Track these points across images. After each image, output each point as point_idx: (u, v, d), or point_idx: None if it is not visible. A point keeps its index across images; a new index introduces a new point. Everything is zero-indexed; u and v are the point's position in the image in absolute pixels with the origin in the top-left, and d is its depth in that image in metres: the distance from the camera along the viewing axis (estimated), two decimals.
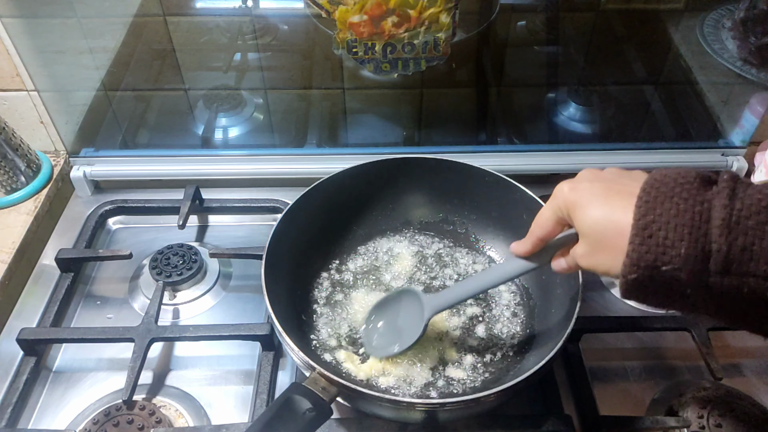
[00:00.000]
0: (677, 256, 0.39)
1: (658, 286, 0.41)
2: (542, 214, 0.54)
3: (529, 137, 1.05)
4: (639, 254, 0.40)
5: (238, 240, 0.92)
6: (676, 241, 0.39)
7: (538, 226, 0.54)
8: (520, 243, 0.57)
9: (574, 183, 0.49)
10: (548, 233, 0.54)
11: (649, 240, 0.40)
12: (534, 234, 0.55)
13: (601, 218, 0.45)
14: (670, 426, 0.67)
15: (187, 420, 0.70)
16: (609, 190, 0.46)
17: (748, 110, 0.95)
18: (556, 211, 0.51)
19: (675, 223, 0.39)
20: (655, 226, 0.40)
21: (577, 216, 0.48)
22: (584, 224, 0.47)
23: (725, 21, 0.91)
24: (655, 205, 0.40)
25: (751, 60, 0.90)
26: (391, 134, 1.02)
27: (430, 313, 0.65)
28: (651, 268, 0.40)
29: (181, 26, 0.89)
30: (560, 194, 0.50)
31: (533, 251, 0.57)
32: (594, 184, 0.47)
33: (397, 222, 0.86)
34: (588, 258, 0.48)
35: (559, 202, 0.50)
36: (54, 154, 0.99)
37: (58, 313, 0.80)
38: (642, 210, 0.41)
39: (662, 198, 0.40)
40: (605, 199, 0.45)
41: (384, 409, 0.61)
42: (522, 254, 0.58)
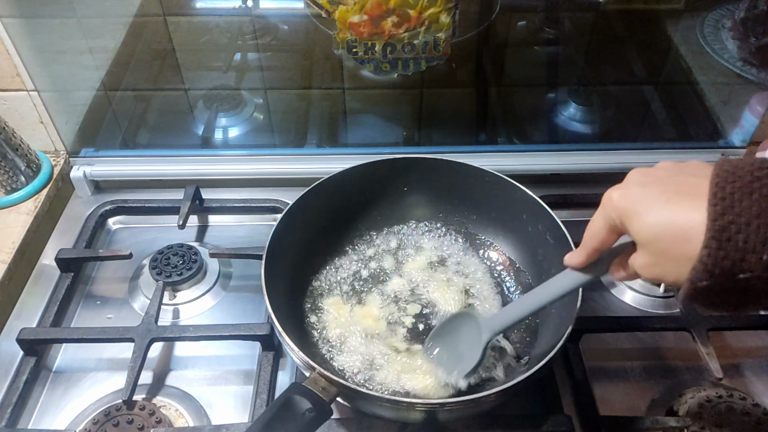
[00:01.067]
0: (758, 262, 0.35)
1: (729, 293, 0.37)
2: (594, 224, 0.49)
3: (529, 137, 1.05)
4: (715, 260, 0.36)
5: (238, 240, 0.92)
6: (758, 245, 0.35)
7: (590, 237, 0.49)
8: (574, 254, 0.53)
9: (624, 188, 0.44)
10: (602, 243, 0.49)
11: (728, 244, 0.35)
12: (587, 245, 0.50)
13: (661, 225, 0.40)
14: (670, 426, 0.67)
15: (187, 420, 0.70)
16: (665, 192, 0.41)
17: (748, 110, 0.95)
18: (607, 220, 0.46)
19: (757, 225, 0.35)
20: (734, 228, 0.35)
21: (632, 225, 0.43)
22: (642, 234, 0.42)
23: (725, 21, 0.91)
24: (732, 203, 0.36)
25: (751, 60, 0.90)
26: (391, 134, 1.02)
27: (489, 335, 0.63)
28: (727, 275, 0.36)
29: (181, 26, 0.89)
30: (609, 203, 0.45)
31: (588, 262, 0.52)
32: (646, 187, 0.42)
33: (397, 222, 0.86)
34: (651, 269, 0.43)
35: (609, 210, 0.45)
36: (54, 154, 0.99)
37: (58, 313, 0.80)
38: (719, 209, 0.36)
39: (740, 194, 0.36)
40: (663, 202, 0.40)
41: (384, 409, 0.61)
42: (576, 266, 0.53)
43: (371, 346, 0.72)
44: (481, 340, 0.63)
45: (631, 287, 0.84)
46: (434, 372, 0.68)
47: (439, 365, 0.68)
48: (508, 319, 0.63)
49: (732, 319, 0.76)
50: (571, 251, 0.54)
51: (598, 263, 0.52)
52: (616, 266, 0.51)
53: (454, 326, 0.69)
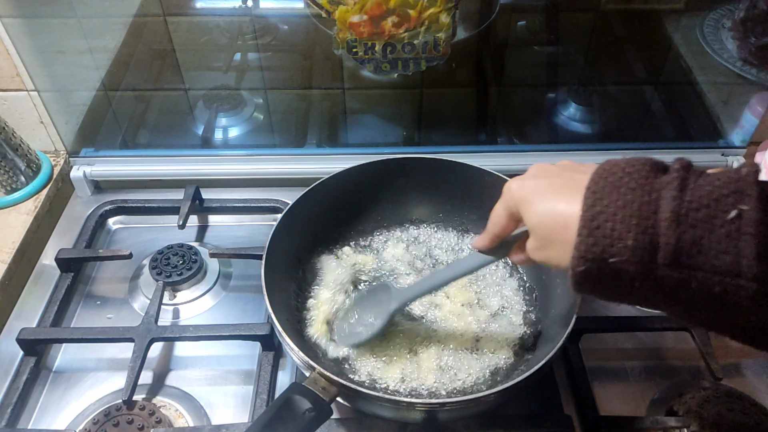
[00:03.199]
0: (624, 248, 0.38)
1: (606, 279, 0.40)
2: (495, 212, 0.54)
3: (529, 137, 1.05)
4: (586, 246, 0.39)
5: (238, 240, 0.92)
6: (623, 232, 0.38)
7: (492, 224, 0.55)
8: (479, 238, 0.58)
9: (522, 180, 0.50)
10: (502, 229, 0.55)
11: (597, 231, 0.39)
12: (490, 231, 0.56)
13: (546, 213, 0.45)
14: (670, 426, 0.67)
15: (187, 420, 0.70)
16: (554, 185, 0.46)
17: (748, 110, 0.95)
18: (506, 208, 0.52)
19: (622, 215, 0.38)
20: (602, 218, 0.39)
21: (524, 212, 0.48)
22: (532, 220, 0.47)
23: (725, 21, 0.91)
24: (602, 196, 0.40)
25: (751, 60, 0.90)
26: (391, 134, 1.02)
27: (396, 304, 0.67)
28: (599, 261, 0.39)
29: (181, 26, 0.89)
30: (508, 192, 0.51)
31: (491, 246, 0.58)
32: (539, 180, 0.48)
33: (397, 222, 0.86)
34: (539, 252, 0.48)
35: (507, 199, 0.51)
36: (54, 154, 0.99)
37: (58, 313, 0.80)
38: (589, 201, 0.40)
39: (610, 188, 0.40)
40: (550, 194, 0.46)
41: (384, 409, 0.61)
42: (481, 248, 0.59)
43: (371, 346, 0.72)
44: (388, 310, 0.67)
45: None
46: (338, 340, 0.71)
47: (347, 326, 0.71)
48: (416, 291, 0.68)
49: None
50: (477, 236, 0.59)
51: (500, 247, 0.58)
52: (515, 250, 0.57)
53: (372, 294, 0.72)
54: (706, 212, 0.37)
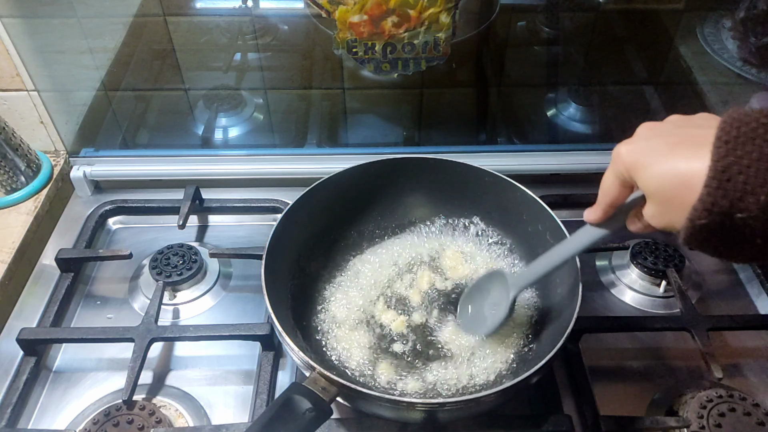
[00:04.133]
0: (755, 203, 0.36)
1: (726, 234, 0.38)
2: (605, 180, 0.50)
3: (529, 137, 1.05)
4: (714, 199, 0.37)
5: (238, 240, 0.92)
6: (756, 186, 0.36)
7: (603, 193, 0.51)
8: (592, 210, 0.55)
9: (631, 143, 0.46)
10: (615, 198, 0.51)
11: (727, 184, 0.37)
12: (601, 201, 0.52)
13: (665, 175, 0.42)
14: (670, 426, 0.67)
15: (187, 420, 0.70)
16: (668, 144, 0.43)
17: None
18: (617, 175, 0.48)
19: (757, 168, 0.36)
20: (735, 169, 0.36)
21: (639, 177, 0.45)
22: (648, 184, 0.43)
23: (725, 21, 0.91)
24: (735, 146, 0.37)
25: (751, 60, 0.90)
26: (391, 134, 1.03)
27: (516, 291, 0.67)
28: (724, 215, 0.37)
29: (181, 26, 0.89)
30: (618, 157, 0.47)
31: (605, 217, 0.54)
32: (651, 141, 0.44)
33: (397, 222, 0.86)
34: (659, 218, 0.44)
35: (618, 165, 0.47)
36: (54, 154, 0.99)
37: (58, 313, 0.80)
38: (722, 151, 0.37)
39: (743, 139, 0.37)
40: (667, 153, 0.42)
41: (384, 409, 0.61)
42: (594, 221, 0.55)
43: (371, 346, 0.72)
44: (508, 297, 0.66)
45: (631, 287, 0.84)
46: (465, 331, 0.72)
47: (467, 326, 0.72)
48: (534, 274, 0.66)
49: (732, 319, 0.76)
50: (589, 208, 0.55)
51: (614, 217, 0.54)
52: (632, 219, 0.53)
53: (481, 287, 0.72)
54: None
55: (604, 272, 0.87)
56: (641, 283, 0.84)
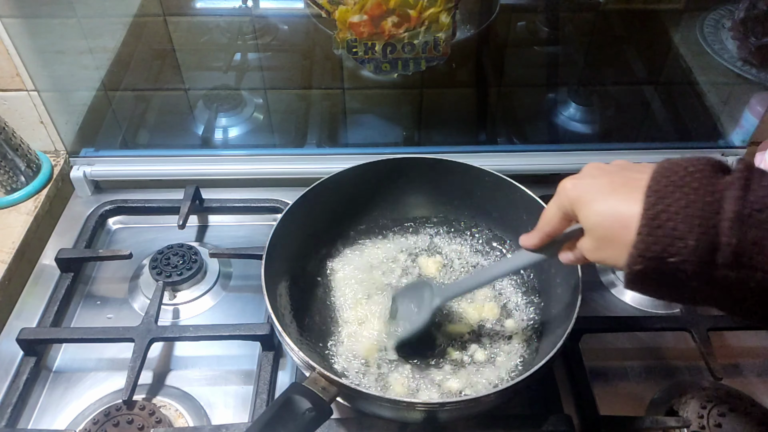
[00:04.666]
0: (685, 248, 0.38)
1: (663, 278, 0.40)
2: (548, 211, 0.53)
3: (529, 137, 1.05)
4: (646, 245, 0.39)
5: (238, 240, 0.92)
6: (685, 232, 0.38)
7: (544, 222, 0.54)
8: (529, 236, 0.57)
9: (577, 179, 0.49)
10: (554, 229, 0.54)
11: (658, 230, 0.39)
12: (541, 229, 0.55)
13: (605, 212, 0.45)
14: (670, 426, 0.67)
15: (187, 420, 0.70)
16: (612, 184, 0.45)
17: (748, 110, 0.95)
18: (560, 208, 0.51)
19: (685, 214, 0.38)
20: (664, 216, 0.39)
21: (581, 212, 0.47)
22: (589, 220, 0.46)
23: (725, 21, 0.91)
24: (665, 195, 0.39)
25: (751, 60, 0.90)
26: (391, 134, 1.02)
27: (440, 300, 0.68)
28: (658, 260, 0.39)
29: (181, 26, 0.89)
30: (563, 191, 0.50)
31: (540, 245, 0.57)
32: (597, 179, 0.47)
33: (397, 222, 0.86)
34: (594, 252, 0.47)
35: (562, 198, 0.50)
36: (54, 154, 0.99)
37: (58, 313, 0.80)
38: (651, 200, 0.40)
39: (672, 187, 0.39)
40: (609, 193, 0.45)
41: (384, 409, 0.61)
42: (530, 247, 0.58)
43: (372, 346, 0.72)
44: (432, 305, 0.68)
45: None
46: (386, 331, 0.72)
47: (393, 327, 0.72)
48: (461, 288, 0.69)
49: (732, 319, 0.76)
50: (526, 233, 0.58)
51: (550, 246, 0.57)
52: (565, 250, 0.55)
53: (414, 290, 0.72)
54: None
55: (604, 272, 0.87)
56: None
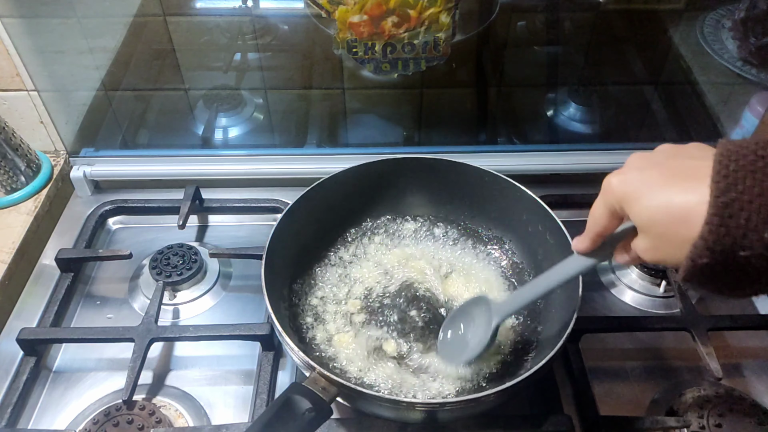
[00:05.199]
0: (759, 241, 0.35)
1: (729, 272, 0.37)
2: (595, 210, 0.49)
3: (529, 137, 1.05)
4: (717, 236, 0.36)
5: (238, 240, 0.92)
6: (759, 223, 0.35)
7: (593, 223, 0.50)
8: (580, 240, 0.54)
9: (623, 173, 0.45)
10: (605, 229, 0.49)
11: (729, 221, 0.35)
12: (590, 230, 0.51)
13: (659, 208, 0.40)
14: (670, 426, 0.67)
15: (187, 420, 0.70)
16: (663, 176, 0.41)
17: (748, 110, 0.95)
18: (608, 206, 0.47)
19: (760, 203, 0.35)
20: (736, 206, 0.35)
21: (632, 209, 0.43)
22: (641, 217, 0.42)
23: (725, 21, 0.91)
24: (736, 181, 0.36)
25: (751, 60, 0.90)
26: (391, 134, 1.03)
27: (499, 319, 0.64)
28: (727, 253, 0.36)
29: (181, 26, 0.89)
30: (609, 188, 0.45)
31: (593, 247, 0.53)
32: (644, 172, 0.43)
33: (398, 222, 0.86)
34: (652, 252, 0.43)
35: (608, 197, 0.46)
36: (54, 154, 0.99)
37: (58, 313, 0.80)
38: (721, 186, 0.36)
39: (743, 173, 0.36)
40: (661, 185, 0.41)
41: (384, 409, 0.61)
42: (583, 251, 0.54)
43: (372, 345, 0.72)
44: (491, 325, 0.64)
45: (631, 287, 0.84)
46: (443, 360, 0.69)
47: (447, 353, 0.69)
48: (518, 302, 0.64)
49: (732, 319, 0.76)
50: (577, 236, 0.54)
51: (603, 247, 0.53)
52: (620, 250, 0.51)
53: (465, 313, 0.69)
54: None
55: (604, 272, 0.87)
56: (641, 283, 0.84)
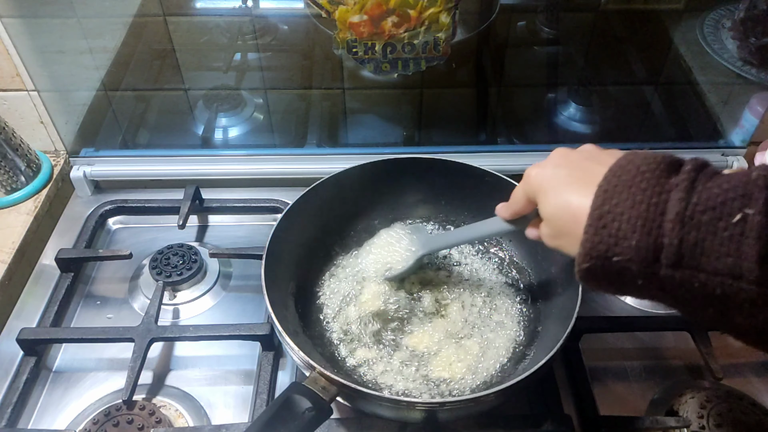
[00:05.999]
0: (629, 248, 0.39)
1: (610, 276, 0.41)
2: (516, 192, 0.56)
3: (529, 137, 1.05)
4: (592, 244, 0.40)
5: (238, 240, 0.92)
6: (628, 232, 0.39)
7: (513, 202, 0.58)
8: (502, 207, 0.61)
9: (541, 168, 0.50)
10: (521, 209, 0.57)
11: (603, 230, 0.40)
12: (510, 207, 0.59)
13: (560, 205, 0.46)
14: (670, 426, 0.67)
15: (187, 420, 0.70)
16: (570, 177, 0.47)
17: (748, 110, 0.95)
18: (525, 193, 0.54)
19: (629, 215, 0.39)
20: (609, 217, 0.40)
21: (539, 201, 0.50)
22: (546, 210, 0.49)
23: (725, 21, 0.91)
24: (612, 195, 0.40)
25: (751, 60, 0.90)
26: (391, 134, 1.02)
27: (423, 251, 0.72)
28: (603, 258, 0.40)
29: (181, 26, 0.89)
30: (527, 178, 0.52)
31: (510, 219, 0.60)
32: (558, 169, 0.48)
33: (398, 222, 0.85)
34: (550, 240, 0.50)
35: (526, 185, 0.53)
36: (54, 154, 0.99)
37: (58, 313, 0.80)
38: (599, 200, 0.41)
39: (621, 187, 0.40)
40: (566, 186, 0.46)
41: (384, 408, 0.61)
42: (502, 217, 0.62)
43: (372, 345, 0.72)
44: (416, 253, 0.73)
45: None
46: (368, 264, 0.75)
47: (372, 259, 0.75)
48: (442, 243, 0.75)
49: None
50: (504, 203, 0.61)
51: (520, 220, 0.60)
52: (532, 226, 0.58)
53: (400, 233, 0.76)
54: (711, 215, 0.37)
55: None
56: None
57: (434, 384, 0.68)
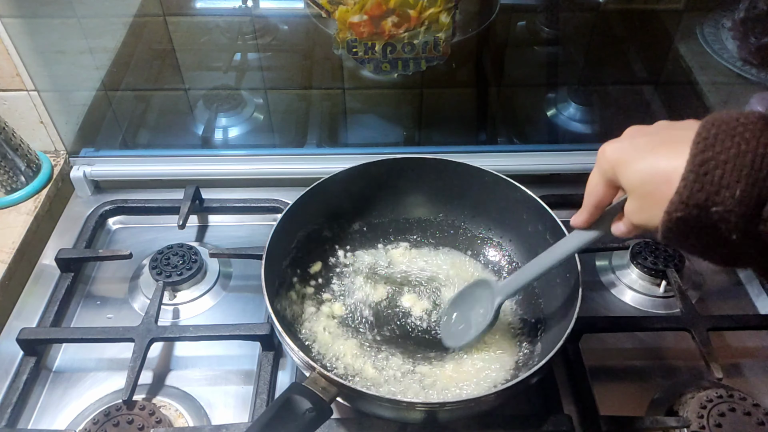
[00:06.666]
0: (731, 198, 0.37)
1: (702, 229, 0.39)
2: (591, 180, 0.51)
3: (529, 137, 1.05)
4: (690, 191, 0.38)
5: (238, 240, 0.92)
6: (732, 181, 0.37)
7: (589, 193, 0.52)
8: (577, 215, 0.55)
9: (617, 142, 0.48)
10: (601, 199, 0.52)
11: (704, 177, 0.38)
12: (588, 202, 0.53)
13: (645, 170, 0.43)
14: (670, 426, 0.67)
15: (187, 420, 0.70)
16: (651, 143, 0.44)
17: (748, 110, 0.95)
18: (603, 174, 0.49)
19: (734, 163, 0.37)
20: (712, 164, 0.38)
21: (622, 173, 0.46)
22: (630, 180, 0.45)
23: (725, 21, 0.91)
24: (714, 143, 0.38)
25: (751, 60, 0.90)
26: (391, 134, 1.03)
27: (501, 298, 0.67)
28: (700, 207, 0.38)
29: (181, 26, 0.89)
30: (602, 156, 0.48)
31: (591, 220, 0.55)
32: (636, 139, 0.46)
33: (397, 222, 0.86)
34: (638, 213, 0.46)
35: (603, 164, 0.48)
36: (54, 154, 0.99)
37: (58, 313, 0.80)
38: (700, 146, 0.38)
39: (723, 136, 0.38)
40: (649, 151, 0.44)
41: (384, 409, 0.61)
42: (581, 225, 0.56)
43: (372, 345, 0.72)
44: (493, 304, 0.67)
45: (631, 287, 0.84)
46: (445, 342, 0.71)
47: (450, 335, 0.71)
48: (519, 281, 0.66)
49: (732, 319, 0.76)
50: (575, 213, 0.55)
51: (600, 221, 0.54)
52: (616, 222, 0.52)
53: (467, 295, 0.72)
54: None
55: (604, 272, 0.87)
56: (641, 283, 0.84)
57: (433, 382, 0.68)
